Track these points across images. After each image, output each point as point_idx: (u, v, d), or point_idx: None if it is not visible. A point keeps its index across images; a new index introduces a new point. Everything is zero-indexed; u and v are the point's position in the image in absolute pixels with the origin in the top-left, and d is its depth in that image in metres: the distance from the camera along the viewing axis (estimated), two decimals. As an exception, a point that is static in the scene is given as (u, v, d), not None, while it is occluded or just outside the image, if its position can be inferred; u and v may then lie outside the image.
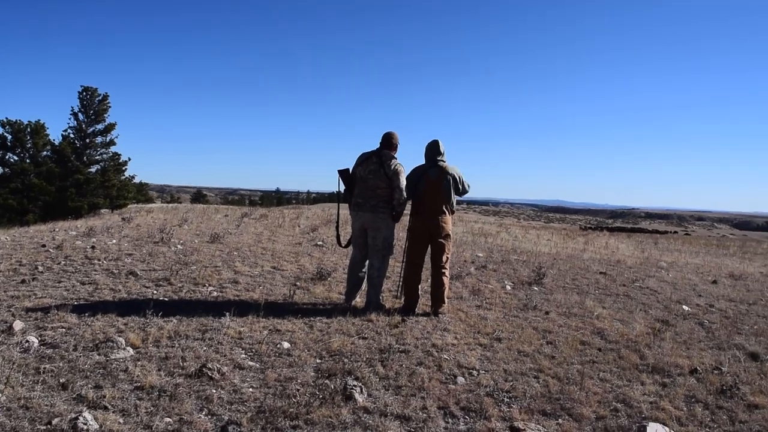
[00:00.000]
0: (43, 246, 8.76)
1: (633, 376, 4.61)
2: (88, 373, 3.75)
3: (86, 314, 5.07)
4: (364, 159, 6.07)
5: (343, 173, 6.14)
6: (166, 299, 5.92)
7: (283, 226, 14.09)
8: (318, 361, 4.35)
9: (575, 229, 42.77)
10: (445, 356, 4.64)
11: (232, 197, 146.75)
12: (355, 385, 3.71)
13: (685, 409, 4.02)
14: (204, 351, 4.31)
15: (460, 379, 4.19)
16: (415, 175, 6.15)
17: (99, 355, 4.08)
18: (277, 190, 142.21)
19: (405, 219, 6.48)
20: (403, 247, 6.50)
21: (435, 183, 6.02)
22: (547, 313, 6.56)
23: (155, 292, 6.20)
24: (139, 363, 3.96)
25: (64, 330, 4.62)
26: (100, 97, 35.53)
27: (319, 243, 11.00)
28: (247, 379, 3.87)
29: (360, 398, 3.62)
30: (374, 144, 6.18)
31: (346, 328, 5.19)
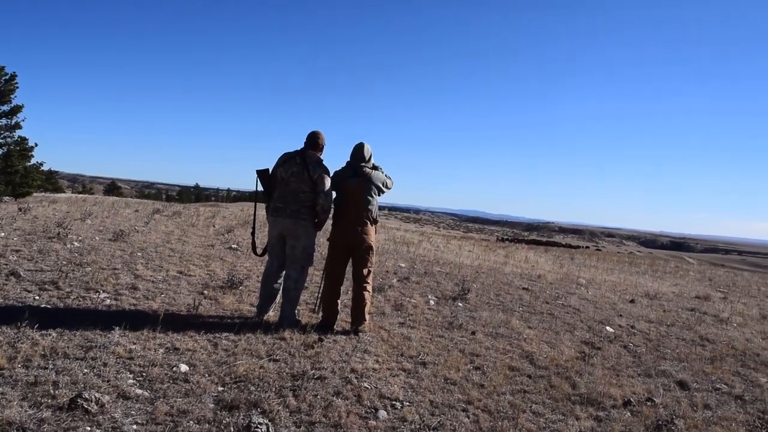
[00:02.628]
0: None
1: (566, 409, 4.28)
2: (-73, 406, 3.04)
3: (-55, 326, 4.30)
4: (286, 159, 5.53)
5: (262, 173, 5.58)
6: (49, 306, 5.17)
7: (197, 226, 13.27)
8: (220, 389, 3.76)
9: (493, 240, 43.47)
10: (365, 384, 4.15)
11: (148, 191, 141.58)
12: (260, 423, 3.17)
13: (624, 450, 3.71)
14: (83, 375, 3.63)
15: (382, 414, 3.71)
16: (336, 181, 5.65)
17: (-52, 379, 3.37)
18: (196, 185, 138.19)
19: (328, 225, 5.97)
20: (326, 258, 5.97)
21: (355, 191, 5.55)
22: (473, 333, 6.19)
23: (38, 297, 5.43)
24: (-1, 390, 3.28)
25: None
26: (7, 77, 33.11)
27: (233, 246, 10.31)
28: (132, 413, 3.25)
29: (266, 439, 3.09)
30: (300, 144, 5.65)
31: (256, 348, 4.62)
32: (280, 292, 5.61)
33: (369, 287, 5.65)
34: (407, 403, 3.94)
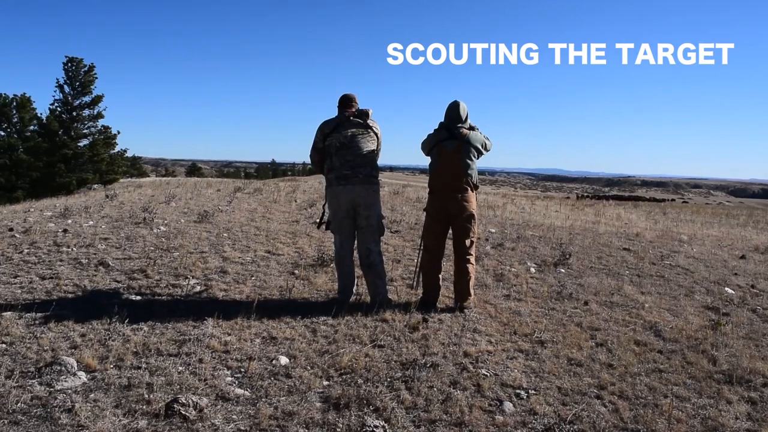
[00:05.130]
0: (11, 230, 7.75)
1: (713, 390, 3.73)
2: (19, 418, 2.81)
3: (37, 322, 4.13)
4: (338, 124, 5.11)
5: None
6: (138, 298, 4.96)
7: (279, 201, 13.09)
8: (325, 383, 3.41)
9: (573, 198, 42.06)
10: (483, 371, 3.71)
11: (227, 170, 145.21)
12: (376, 426, 2.79)
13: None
14: (178, 374, 3.35)
15: (508, 406, 3.27)
16: (430, 144, 5.19)
17: (41, 385, 3.13)
18: (272, 161, 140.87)
19: (422, 194, 5.51)
20: (422, 230, 5.51)
21: (453, 155, 5.04)
22: (585, 303, 5.65)
23: (127, 287, 5.24)
24: (91, 396, 3.03)
25: (3, 347, 3.68)
26: (86, 68, 34.19)
27: (317, 220, 10.03)
28: (234, 417, 2.93)
29: (385, 445, 2.71)
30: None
31: (357, 334, 4.25)
32: (368, 269, 5.15)
33: (472, 259, 5.18)
34: (533, 392, 3.49)
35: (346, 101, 5.27)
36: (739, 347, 4.62)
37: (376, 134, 5.20)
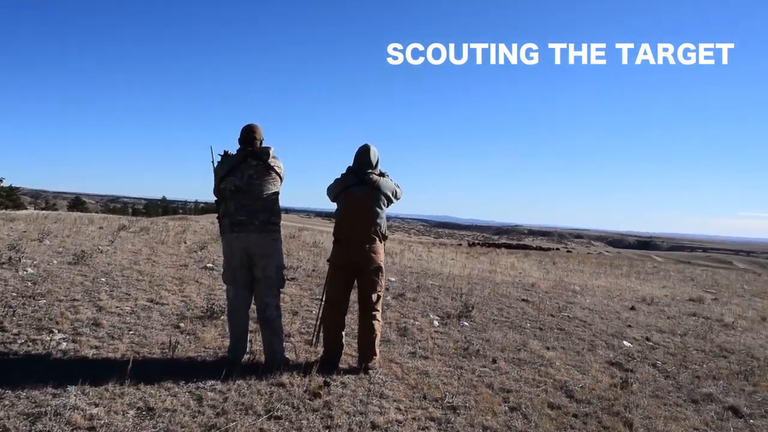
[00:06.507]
0: None
1: (635, 461, 3.52)
2: None
3: None
4: (234, 165, 4.58)
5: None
6: (-12, 357, 4.21)
7: (167, 243, 12.22)
8: (211, 468, 2.89)
9: (465, 245, 43.13)
10: (393, 446, 3.32)
11: (114, 205, 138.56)
12: None
13: None
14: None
15: (424, 490, 2.88)
16: (337, 191, 4.77)
17: None
18: (162, 198, 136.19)
19: (327, 245, 5.09)
20: (325, 281, 5.06)
21: (361, 203, 4.66)
22: (494, 361, 5.40)
23: (-25, 344, 4.45)
24: None
25: None
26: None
27: (208, 265, 9.35)
28: None
29: None
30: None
31: (250, 402, 3.72)
32: (264, 325, 4.64)
33: (379, 315, 4.78)
34: (449, 471, 3.12)
35: (246, 136, 4.72)
36: (651, 408, 4.57)
37: (278, 174, 4.69)
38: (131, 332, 5.12)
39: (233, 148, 4.74)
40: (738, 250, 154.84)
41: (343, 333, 4.84)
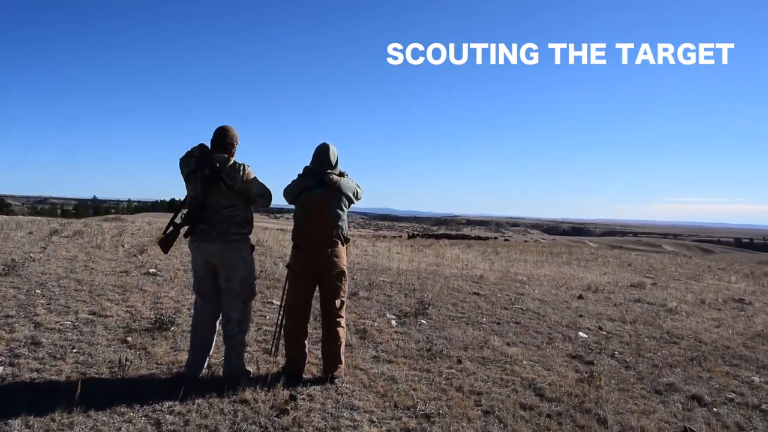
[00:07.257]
0: None
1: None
2: None
3: None
4: (189, 173, 4.25)
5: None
6: None
7: (103, 247, 11.62)
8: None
9: (405, 237, 43.27)
10: (372, 464, 3.14)
11: (42, 206, 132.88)
12: None
13: None
14: None
15: None
16: (295, 192, 4.50)
17: None
18: (93, 198, 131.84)
19: (286, 251, 4.84)
20: (283, 288, 4.82)
21: (321, 205, 4.42)
22: (459, 361, 5.29)
23: None
24: None
25: None
26: None
27: (151, 270, 8.90)
28: None
29: None
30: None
31: (214, 423, 3.47)
32: (225, 339, 4.40)
33: (343, 321, 4.58)
34: (434, 487, 2.97)
35: (216, 141, 4.31)
36: (620, 402, 4.55)
37: (229, 187, 4.22)
38: (75, 350, 4.76)
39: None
40: (666, 234, 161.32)
41: (306, 342, 4.61)
